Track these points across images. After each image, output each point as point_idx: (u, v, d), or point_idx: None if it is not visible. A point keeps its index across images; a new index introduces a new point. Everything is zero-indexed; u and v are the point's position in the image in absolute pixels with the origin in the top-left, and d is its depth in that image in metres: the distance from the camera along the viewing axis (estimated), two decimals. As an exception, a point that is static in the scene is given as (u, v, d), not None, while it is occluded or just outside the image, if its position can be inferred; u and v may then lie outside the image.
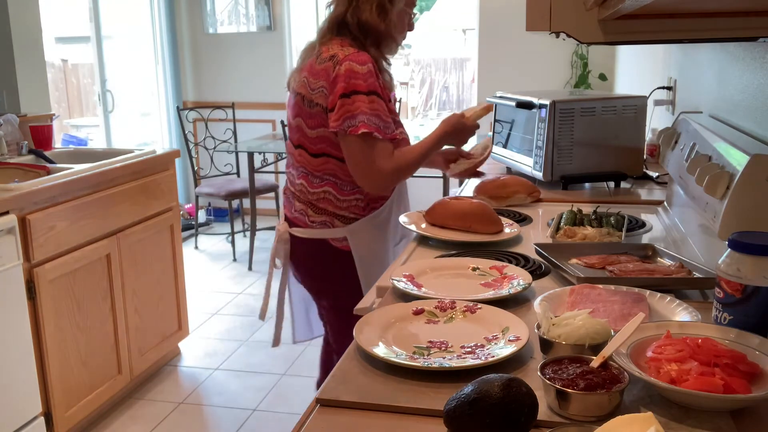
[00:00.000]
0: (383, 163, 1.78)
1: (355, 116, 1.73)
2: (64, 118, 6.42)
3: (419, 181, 2.31)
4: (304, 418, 0.93)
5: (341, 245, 1.90)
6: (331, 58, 1.78)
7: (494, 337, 1.11)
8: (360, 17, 1.80)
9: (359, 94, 1.74)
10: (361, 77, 1.74)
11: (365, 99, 1.74)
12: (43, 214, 2.38)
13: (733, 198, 1.21)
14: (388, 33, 1.84)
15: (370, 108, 1.74)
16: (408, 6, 1.88)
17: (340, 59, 1.76)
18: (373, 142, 1.76)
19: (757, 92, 1.56)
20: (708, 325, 1.04)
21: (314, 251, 1.93)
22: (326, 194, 1.88)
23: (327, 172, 1.86)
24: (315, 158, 1.86)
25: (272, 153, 4.76)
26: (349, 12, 1.81)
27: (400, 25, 1.88)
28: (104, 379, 2.76)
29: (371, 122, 1.74)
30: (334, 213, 1.88)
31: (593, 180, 2.27)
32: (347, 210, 1.88)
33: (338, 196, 1.87)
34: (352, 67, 1.74)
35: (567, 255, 1.49)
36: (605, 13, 1.39)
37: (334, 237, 1.90)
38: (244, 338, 3.61)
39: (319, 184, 1.88)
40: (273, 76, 5.83)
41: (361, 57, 1.76)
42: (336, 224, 1.89)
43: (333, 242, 1.90)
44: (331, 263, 1.93)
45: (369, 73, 1.75)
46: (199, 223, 5.46)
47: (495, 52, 5.29)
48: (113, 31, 5.34)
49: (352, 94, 1.74)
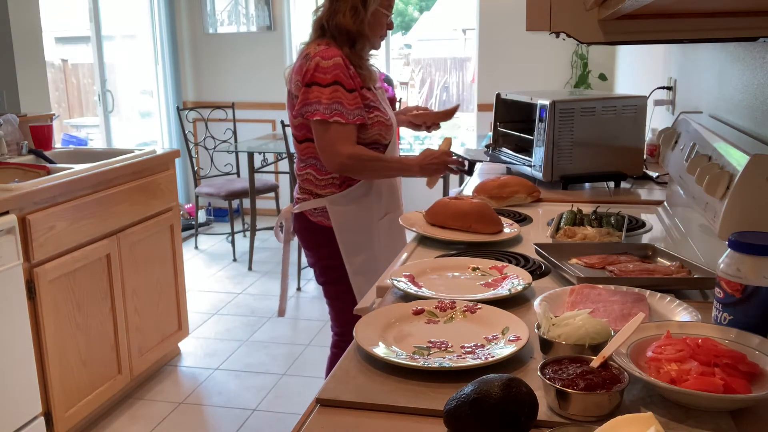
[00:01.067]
0: (340, 146, 1.99)
1: (311, 104, 1.98)
2: (64, 118, 6.42)
3: (419, 181, 2.31)
4: (304, 418, 0.93)
5: (317, 219, 2.13)
6: (305, 56, 2.02)
7: (494, 337, 1.11)
8: (335, 20, 2.01)
9: (318, 86, 1.97)
10: (325, 70, 1.96)
11: (324, 90, 1.96)
12: (43, 214, 2.38)
13: (733, 198, 1.21)
14: (361, 33, 2.03)
15: (329, 97, 1.96)
16: (384, 8, 2.05)
17: (311, 56, 1.99)
18: (328, 126, 1.98)
19: (757, 92, 1.56)
20: (708, 325, 1.04)
21: (301, 226, 2.18)
22: (308, 175, 2.13)
23: (309, 155, 2.11)
24: (300, 144, 2.12)
25: (272, 153, 4.76)
26: (326, 16, 2.04)
27: (377, 26, 2.06)
28: (104, 379, 2.76)
29: (328, 110, 1.96)
30: (315, 192, 2.12)
31: (593, 180, 2.27)
32: (324, 188, 2.11)
33: (317, 176, 2.11)
34: (319, 62, 1.97)
35: (567, 255, 1.49)
36: (605, 13, 1.39)
37: (313, 208, 2.12)
38: (243, 338, 3.61)
39: (304, 168, 2.14)
40: (273, 76, 5.82)
41: (328, 53, 1.98)
42: (316, 197, 2.13)
43: (311, 216, 2.13)
44: (311, 236, 2.17)
45: (335, 66, 1.97)
46: (199, 223, 5.46)
47: (495, 52, 5.29)
48: (113, 31, 5.34)
49: (312, 84, 1.97)
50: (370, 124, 2.05)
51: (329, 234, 2.12)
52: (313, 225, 2.14)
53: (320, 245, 2.17)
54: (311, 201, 2.13)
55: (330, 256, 2.14)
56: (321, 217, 2.12)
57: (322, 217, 2.12)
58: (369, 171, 2.08)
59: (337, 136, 1.98)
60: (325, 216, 2.11)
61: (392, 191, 2.22)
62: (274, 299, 4.14)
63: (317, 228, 2.14)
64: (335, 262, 2.14)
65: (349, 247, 2.12)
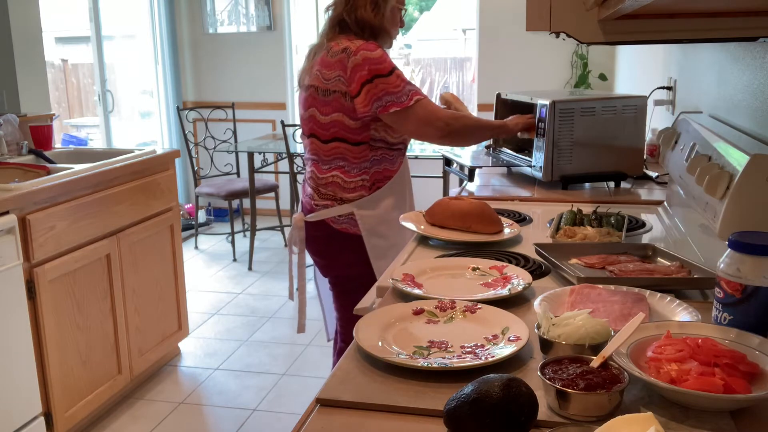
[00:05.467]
0: (435, 114, 1.99)
1: (382, 96, 1.93)
2: (64, 118, 6.42)
3: (419, 181, 2.32)
4: (304, 418, 0.93)
5: (341, 227, 2.05)
6: (343, 51, 1.96)
7: (494, 337, 1.11)
8: (356, 15, 1.99)
9: (381, 77, 1.93)
10: (377, 61, 1.93)
11: (390, 79, 1.94)
12: (43, 214, 2.38)
13: (733, 198, 1.21)
14: (383, 27, 2.02)
15: (401, 81, 1.95)
16: (398, 2, 2.05)
17: (353, 50, 1.94)
18: (412, 108, 1.95)
19: (757, 92, 1.56)
20: (708, 325, 1.04)
21: (319, 234, 2.10)
22: (334, 178, 2.05)
23: (336, 156, 2.04)
24: (325, 144, 2.03)
25: (272, 153, 4.76)
26: (345, 11, 2.01)
27: (393, 20, 2.05)
28: (104, 379, 2.76)
29: (404, 96, 1.94)
30: (341, 196, 2.05)
31: (593, 180, 2.27)
32: (353, 191, 2.04)
33: (345, 178, 2.04)
34: (367, 55, 1.93)
35: (567, 255, 1.49)
36: (605, 13, 1.39)
37: (337, 215, 2.05)
38: (244, 338, 3.61)
39: (328, 170, 2.05)
40: (273, 76, 5.83)
41: (370, 45, 1.96)
42: (341, 203, 2.06)
43: (334, 224, 2.06)
44: (333, 243, 2.10)
45: (383, 56, 1.95)
46: (199, 223, 5.46)
47: (495, 52, 5.29)
48: (113, 31, 5.34)
49: (374, 78, 1.93)
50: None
51: (354, 241, 2.05)
52: (336, 233, 2.06)
53: (342, 253, 2.09)
54: (335, 208, 2.05)
55: (351, 265, 2.08)
56: (346, 224, 2.05)
57: (347, 224, 2.05)
58: (470, 129, 2.09)
59: (426, 109, 1.97)
60: (351, 223, 2.04)
61: (410, 192, 2.21)
62: (275, 299, 4.14)
63: (341, 236, 2.06)
64: (356, 271, 2.07)
65: (377, 251, 2.06)
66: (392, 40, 2.11)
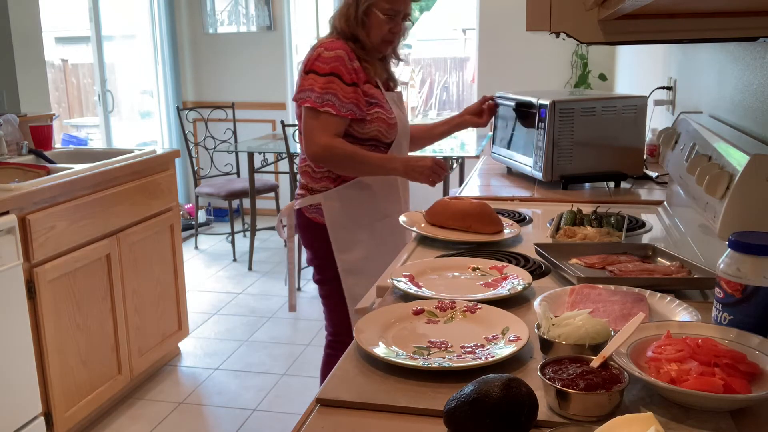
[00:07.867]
0: (320, 135, 1.99)
1: (304, 90, 2.00)
2: (64, 118, 6.42)
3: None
4: (304, 418, 0.93)
5: (312, 216, 2.14)
6: (312, 47, 2.08)
7: (494, 337, 1.11)
8: (335, 19, 2.09)
9: (315, 74, 1.99)
10: (325, 60, 1.99)
11: (320, 79, 1.98)
12: (43, 214, 2.38)
13: (733, 198, 1.21)
14: (354, 34, 2.05)
15: (323, 87, 1.97)
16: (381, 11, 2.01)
17: (316, 46, 2.04)
18: (317, 114, 1.98)
19: (757, 92, 1.56)
20: (708, 325, 1.04)
21: (299, 223, 2.21)
22: (306, 167, 2.15)
23: None
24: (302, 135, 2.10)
25: (272, 153, 4.75)
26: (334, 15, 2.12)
27: (373, 29, 2.04)
28: (104, 379, 2.76)
29: (320, 99, 1.97)
30: (311, 186, 2.14)
31: (593, 180, 2.27)
32: (320, 181, 2.12)
33: (315, 168, 2.12)
34: (321, 52, 2.00)
35: (567, 255, 1.49)
36: (605, 13, 1.39)
37: (309, 204, 2.14)
38: (243, 338, 3.61)
39: (303, 159, 2.15)
40: (273, 76, 5.83)
41: (333, 44, 2.02)
42: (312, 193, 2.14)
43: (307, 213, 2.15)
44: (307, 232, 2.19)
45: (335, 58, 1.99)
46: (199, 223, 5.46)
47: (495, 52, 5.29)
48: (113, 31, 5.35)
49: (309, 72, 2.01)
50: (369, 120, 2.04)
51: (323, 231, 2.13)
52: (309, 222, 2.16)
53: (314, 242, 2.18)
54: (307, 198, 2.15)
55: (323, 254, 2.15)
56: (316, 213, 2.14)
57: (316, 213, 2.13)
58: (343, 165, 2.06)
59: (322, 125, 1.98)
60: (320, 213, 2.12)
61: (390, 191, 2.19)
62: (275, 299, 4.14)
63: (312, 225, 2.15)
64: (328, 261, 2.14)
65: (341, 243, 2.13)
66: (377, 51, 2.07)
